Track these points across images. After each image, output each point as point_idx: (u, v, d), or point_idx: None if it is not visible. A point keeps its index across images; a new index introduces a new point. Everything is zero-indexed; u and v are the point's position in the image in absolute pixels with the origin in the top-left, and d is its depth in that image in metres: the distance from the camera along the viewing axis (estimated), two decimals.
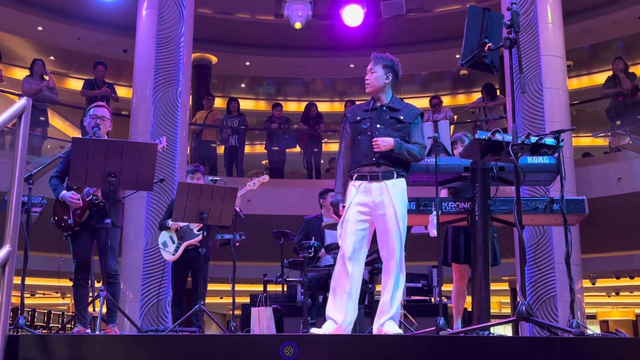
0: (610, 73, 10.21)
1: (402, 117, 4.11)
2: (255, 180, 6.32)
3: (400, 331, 3.96)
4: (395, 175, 4.02)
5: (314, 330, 4.08)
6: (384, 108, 4.13)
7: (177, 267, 6.26)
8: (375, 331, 3.95)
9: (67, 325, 6.02)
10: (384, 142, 3.98)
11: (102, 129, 5.07)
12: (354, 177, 4.07)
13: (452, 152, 5.22)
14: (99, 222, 4.94)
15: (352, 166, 4.11)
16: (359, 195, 4.01)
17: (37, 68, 10.15)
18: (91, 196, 4.98)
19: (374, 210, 3.99)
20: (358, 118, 4.15)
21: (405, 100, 13.49)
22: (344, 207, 4.10)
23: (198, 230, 6.01)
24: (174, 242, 6.08)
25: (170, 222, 6.09)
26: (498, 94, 11.18)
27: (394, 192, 3.98)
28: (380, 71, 4.15)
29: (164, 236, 6.22)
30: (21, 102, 2.96)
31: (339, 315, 3.89)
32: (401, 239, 3.97)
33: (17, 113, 2.95)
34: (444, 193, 5.42)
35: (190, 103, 10.41)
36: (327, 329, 3.89)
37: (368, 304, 6.12)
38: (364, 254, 4.03)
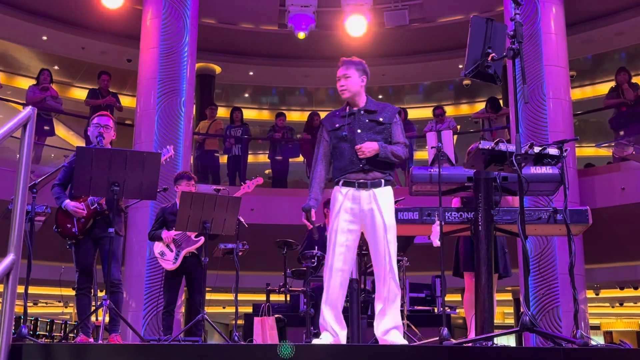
0: (613, 84, 10.21)
1: (381, 119, 4.06)
2: (249, 183, 6.28)
3: (404, 341, 3.94)
4: (383, 182, 4.00)
5: (316, 341, 4.07)
6: (361, 112, 4.08)
7: (173, 275, 6.09)
8: (378, 336, 3.92)
9: (70, 335, 6.01)
10: (368, 148, 3.94)
11: (105, 137, 5.08)
12: (340, 183, 4.02)
13: None
14: (102, 231, 4.94)
15: (337, 174, 4.04)
16: (346, 202, 3.96)
17: (42, 78, 10.19)
18: (95, 205, 4.98)
19: (362, 219, 3.96)
20: (336, 125, 4.09)
21: (409, 111, 13.43)
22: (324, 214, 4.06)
23: (195, 237, 5.95)
24: (172, 251, 5.99)
25: (163, 235, 6.01)
26: (502, 106, 11.19)
27: (382, 200, 3.95)
28: (355, 75, 4.11)
29: (159, 245, 6.07)
30: (26, 112, 2.98)
31: (335, 327, 3.88)
32: (390, 247, 3.91)
33: (22, 122, 2.96)
34: (456, 202, 5.41)
35: (194, 113, 10.44)
36: (325, 340, 3.88)
37: (371, 314, 6.10)
38: (349, 264, 3.99)
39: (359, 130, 4.02)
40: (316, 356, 3.09)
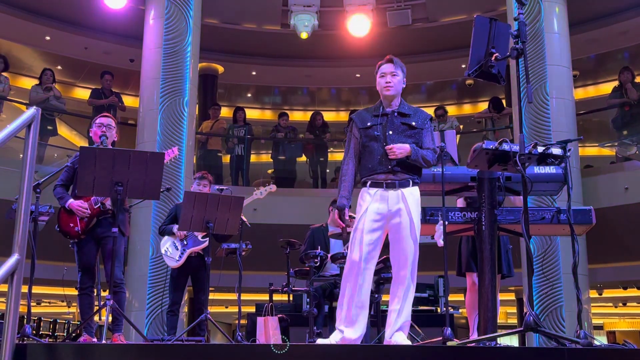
0: (616, 83, 10.19)
1: (413, 123, 4.06)
2: (262, 190, 6.30)
3: (408, 342, 3.94)
4: (411, 183, 3.99)
5: (320, 341, 4.06)
6: (395, 114, 4.07)
7: (178, 274, 6.12)
8: (385, 342, 3.93)
9: (73, 334, 6.02)
10: (400, 149, 3.93)
11: (108, 138, 5.10)
12: (367, 184, 4.00)
13: None
14: (105, 231, 4.95)
15: (365, 173, 4.03)
16: (374, 203, 3.94)
17: (45, 78, 10.21)
18: (99, 204, 4.99)
19: (390, 219, 3.94)
20: (368, 124, 4.07)
21: None
22: (350, 216, 4.07)
23: (202, 237, 5.98)
24: (177, 249, 6.02)
25: (175, 229, 6.03)
26: (505, 106, 11.18)
27: (410, 200, 3.95)
28: (401, 75, 4.13)
29: (166, 243, 6.12)
30: (30, 112, 2.98)
31: (349, 328, 3.87)
32: (415, 249, 3.92)
33: (27, 122, 2.97)
34: (460, 202, 5.41)
35: (197, 112, 10.45)
36: (333, 339, 3.87)
37: (374, 313, 6.09)
38: (374, 264, 3.98)
39: (390, 132, 4.01)
40: (318, 356, 3.09)
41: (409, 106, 4.19)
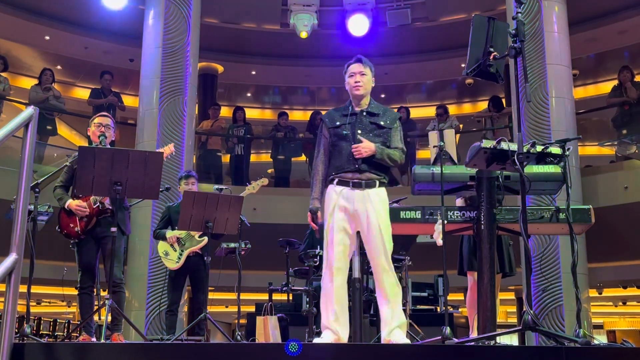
0: (616, 82, 10.19)
1: (382, 123, 4.08)
2: (254, 184, 6.29)
3: (407, 340, 3.94)
4: (377, 183, 4.00)
5: (318, 340, 4.06)
6: (364, 113, 4.10)
7: (177, 274, 6.11)
8: (383, 341, 3.93)
9: (73, 334, 6.02)
10: (365, 148, 3.96)
11: (107, 137, 5.11)
12: (334, 182, 4.02)
13: None
14: (105, 230, 4.96)
15: (333, 171, 4.05)
16: (340, 200, 3.96)
17: (45, 78, 10.20)
18: (98, 204, 4.99)
19: (356, 219, 3.95)
20: (337, 123, 4.10)
21: (411, 110, 13.42)
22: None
23: (199, 237, 5.97)
24: (175, 250, 6.02)
25: (168, 236, 6.04)
26: (504, 105, 11.18)
27: (376, 200, 3.95)
28: (369, 74, 4.16)
29: (163, 245, 6.11)
30: (28, 111, 2.98)
31: (338, 327, 3.88)
32: (385, 247, 3.90)
33: (24, 122, 2.97)
34: (459, 202, 5.41)
35: (197, 112, 10.45)
36: (327, 339, 3.87)
37: (373, 313, 6.10)
38: (346, 263, 3.98)
39: (359, 131, 4.04)
40: (319, 355, 3.09)
41: (378, 105, 4.21)
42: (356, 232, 4.02)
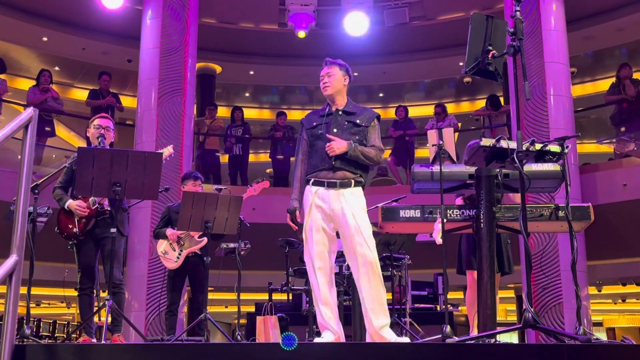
0: (614, 79, 10.20)
1: (358, 121, 4.09)
2: (255, 186, 6.28)
3: (397, 338, 3.91)
4: (352, 183, 3.98)
5: (319, 340, 4.06)
6: (340, 112, 4.12)
7: (176, 275, 6.08)
8: (369, 332, 3.88)
9: (73, 335, 6.03)
10: (338, 145, 3.95)
11: (107, 139, 5.11)
12: (310, 182, 4.02)
13: None
14: (104, 231, 4.96)
15: (310, 171, 4.06)
16: (316, 200, 3.96)
17: (43, 79, 10.20)
18: (97, 205, 4.99)
19: (333, 218, 3.95)
20: (314, 124, 4.13)
21: (410, 109, 13.41)
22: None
23: (199, 237, 5.97)
24: (174, 250, 6.01)
25: (168, 233, 6.04)
26: (502, 103, 11.19)
27: (352, 200, 3.93)
28: (338, 73, 4.18)
29: (163, 244, 6.09)
30: (27, 113, 2.98)
31: (334, 324, 3.88)
32: (366, 245, 3.85)
33: (24, 123, 2.97)
34: (459, 201, 5.41)
35: (195, 112, 10.45)
36: (327, 338, 3.87)
37: None
38: (327, 262, 3.96)
39: (334, 130, 4.05)
40: (320, 355, 3.09)
41: (356, 105, 4.23)
42: (336, 232, 4.01)
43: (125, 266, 7.83)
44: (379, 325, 3.82)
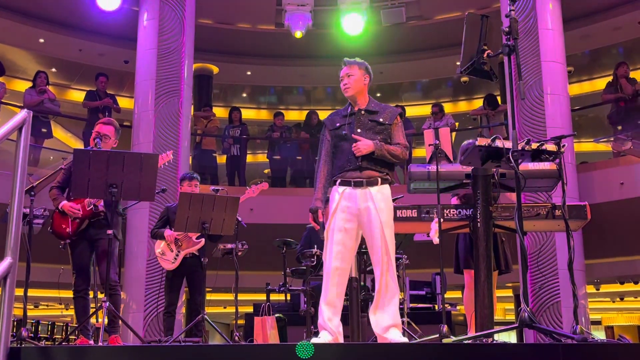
0: (611, 78, 10.21)
1: (381, 119, 4.09)
2: (254, 188, 6.28)
3: (404, 339, 3.94)
4: (379, 181, 4.00)
5: (316, 340, 4.06)
6: (362, 112, 4.12)
7: (174, 276, 6.08)
8: (377, 333, 3.90)
9: (71, 337, 6.02)
10: (364, 145, 3.97)
11: (104, 146, 5.04)
12: (337, 183, 4.04)
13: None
14: (98, 232, 4.94)
15: (335, 172, 4.08)
16: (343, 201, 3.98)
17: (39, 81, 10.19)
18: (91, 206, 4.98)
19: (359, 217, 3.96)
20: (337, 124, 4.13)
21: (407, 108, 13.42)
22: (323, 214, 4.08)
23: (197, 238, 5.96)
24: (172, 251, 6.00)
25: (165, 234, 6.03)
26: (500, 103, 11.19)
27: (378, 198, 3.95)
28: (357, 72, 4.15)
29: (160, 245, 6.07)
30: (21, 115, 2.97)
31: (334, 326, 3.88)
32: (387, 246, 3.91)
33: (17, 125, 2.96)
34: (454, 201, 5.41)
35: (192, 113, 10.44)
36: (324, 339, 3.87)
37: None
38: (347, 262, 3.99)
39: (358, 130, 4.05)
40: (317, 355, 3.08)
41: (378, 103, 4.22)
42: (357, 233, 4.02)
43: (123, 267, 7.84)
44: (385, 325, 3.84)
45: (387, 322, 3.86)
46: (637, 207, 9.13)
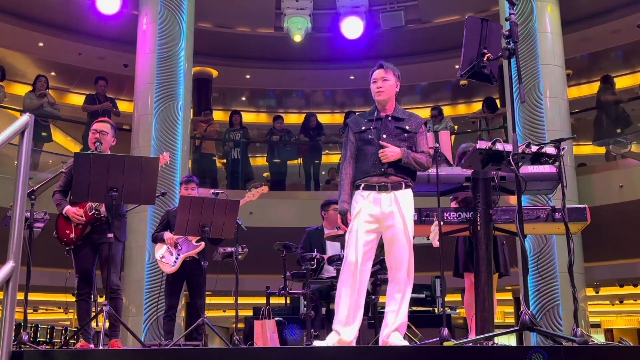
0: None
1: (407, 127, 4.11)
2: (254, 191, 6.28)
3: (405, 343, 3.95)
4: (404, 186, 4.03)
5: (316, 343, 4.06)
6: (389, 118, 4.13)
7: (174, 279, 6.08)
8: (381, 342, 3.93)
9: (70, 341, 6.01)
10: (391, 152, 3.99)
11: (103, 143, 5.08)
12: (361, 187, 4.05)
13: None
14: (101, 237, 4.95)
15: (359, 176, 4.08)
16: (367, 205, 3.99)
17: (39, 84, 10.20)
18: (94, 211, 4.98)
19: (383, 221, 3.98)
20: (362, 128, 4.14)
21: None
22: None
23: (196, 242, 5.97)
24: (172, 254, 6.00)
25: (166, 237, 6.03)
26: (499, 106, 11.20)
27: (403, 202, 3.99)
28: (392, 79, 4.17)
29: (161, 248, 6.08)
30: (24, 119, 2.98)
31: (346, 328, 3.89)
32: (409, 251, 3.96)
33: (20, 129, 2.97)
34: (453, 205, 5.41)
35: (192, 116, 10.44)
36: (330, 341, 3.88)
37: (371, 315, 6.10)
38: (369, 265, 4.02)
39: (384, 136, 4.07)
40: (317, 358, 3.09)
41: (404, 111, 4.24)
42: (378, 237, 4.04)
43: (123, 271, 7.83)
44: (392, 327, 3.87)
45: (394, 325, 3.91)
46: (636, 209, 9.14)
